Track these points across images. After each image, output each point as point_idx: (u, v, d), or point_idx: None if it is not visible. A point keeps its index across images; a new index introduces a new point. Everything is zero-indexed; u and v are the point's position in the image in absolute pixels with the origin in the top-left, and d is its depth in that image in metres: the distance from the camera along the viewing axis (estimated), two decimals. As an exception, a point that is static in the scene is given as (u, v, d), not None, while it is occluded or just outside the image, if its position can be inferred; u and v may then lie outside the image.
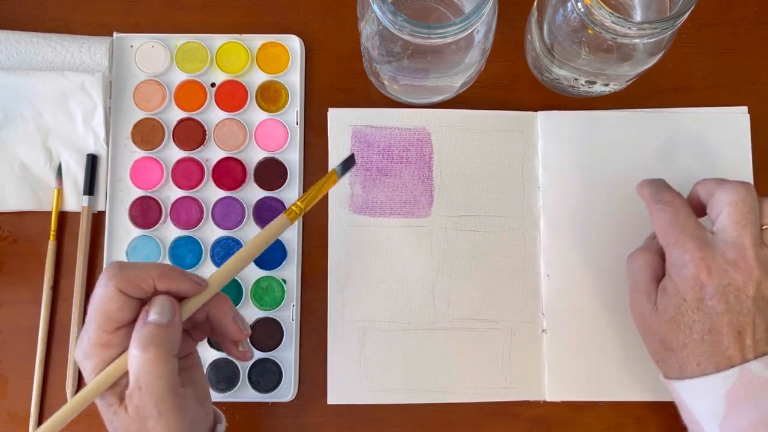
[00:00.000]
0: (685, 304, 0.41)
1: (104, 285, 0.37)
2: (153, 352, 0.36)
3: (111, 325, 0.37)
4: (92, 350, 0.37)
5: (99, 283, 0.37)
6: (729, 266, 0.40)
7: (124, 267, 0.38)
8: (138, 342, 0.36)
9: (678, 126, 0.52)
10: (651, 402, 0.50)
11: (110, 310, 0.37)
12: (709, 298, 0.40)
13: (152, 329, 0.37)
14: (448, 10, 0.49)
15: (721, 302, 0.40)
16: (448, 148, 0.53)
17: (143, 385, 0.36)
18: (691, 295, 0.41)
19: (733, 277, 0.40)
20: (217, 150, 0.53)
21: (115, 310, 0.37)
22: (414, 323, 0.51)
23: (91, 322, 0.37)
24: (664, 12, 0.47)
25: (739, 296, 0.40)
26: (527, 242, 0.52)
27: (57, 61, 0.53)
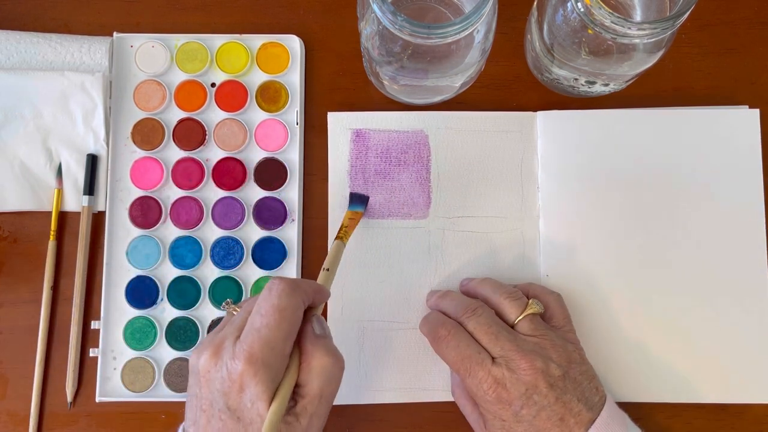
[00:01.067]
0: (507, 423, 0.43)
1: (292, 297, 0.38)
2: (340, 359, 0.39)
3: (293, 337, 0.38)
4: (275, 361, 0.37)
5: (281, 295, 0.38)
6: (516, 374, 0.43)
7: (300, 283, 0.39)
8: (326, 351, 0.38)
9: (680, 125, 0.52)
10: (651, 402, 0.50)
11: (295, 321, 0.38)
12: (520, 408, 0.42)
13: (327, 341, 0.39)
14: (448, 10, 0.49)
15: (531, 407, 0.42)
16: (446, 149, 0.53)
17: (327, 393, 0.38)
18: (506, 414, 0.43)
19: (524, 380, 0.42)
20: (217, 150, 0.53)
21: (297, 320, 0.38)
22: (413, 323, 0.51)
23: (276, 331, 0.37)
24: (664, 12, 0.47)
25: (540, 392, 0.42)
26: (526, 243, 0.52)
27: (57, 61, 0.53)
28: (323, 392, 0.38)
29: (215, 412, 0.37)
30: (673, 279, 0.51)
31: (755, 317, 0.51)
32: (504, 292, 0.47)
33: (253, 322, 0.37)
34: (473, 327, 0.45)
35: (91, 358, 0.51)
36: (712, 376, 0.50)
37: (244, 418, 0.36)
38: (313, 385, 0.38)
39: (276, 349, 0.37)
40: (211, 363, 0.38)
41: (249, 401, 0.36)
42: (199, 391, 0.38)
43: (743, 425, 0.51)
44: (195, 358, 0.39)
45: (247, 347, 0.36)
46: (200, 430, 0.38)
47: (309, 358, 0.38)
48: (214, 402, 0.37)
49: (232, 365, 0.36)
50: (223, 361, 0.37)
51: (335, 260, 0.45)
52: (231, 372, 0.36)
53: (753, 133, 0.52)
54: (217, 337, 0.39)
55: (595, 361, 0.49)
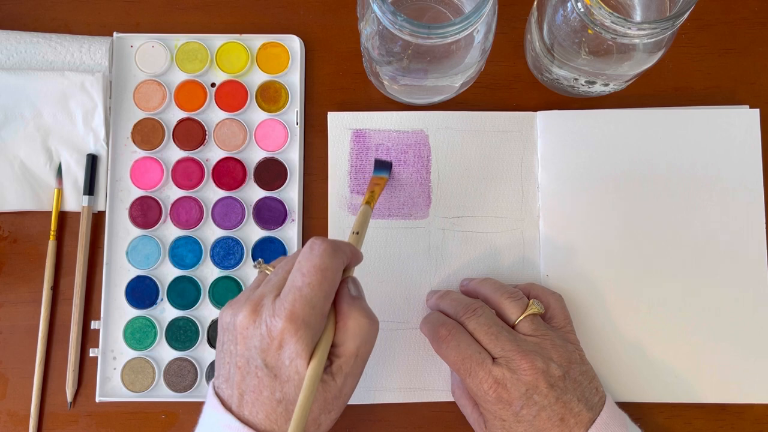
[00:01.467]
0: (507, 423, 0.43)
1: (334, 257, 0.37)
2: (376, 320, 0.39)
3: (332, 297, 0.38)
4: (316, 320, 0.36)
5: (323, 255, 0.37)
6: (516, 374, 0.43)
7: (340, 244, 0.39)
8: (362, 311, 0.38)
9: (680, 125, 0.52)
10: (651, 402, 0.51)
11: (336, 282, 0.38)
12: (521, 408, 0.43)
13: (362, 302, 0.39)
14: (448, 10, 0.49)
15: (531, 407, 0.42)
16: (446, 149, 0.53)
17: (363, 352, 0.38)
18: (506, 414, 0.43)
19: (525, 380, 0.43)
20: (217, 150, 0.53)
21: (337, 281, 0.38)
22: (413, 323, 0.51)
23: (317, 290, 0.36)
24: (664, 12, 0.47)
25: (541, 392, 0.42)
26: (526, 243, 0.52)
27: (57, 61, 0.53)
28: (359, 352, 0.38)
29: (251, 368, 0.37)
30: (673, 278, 0.51)
31: (755, 317, 0.51)
32: (505, 292, 0.47)
33: (294, 281, 0.37)
34: (473, 327, 0.45)
35: (91, 358, 0.51)
36: (712, 376, 0.50)
37: (281, 375, 0.36)
38: (349, 345, 0.37)
39: (316, 308, 0.36)
40: (249, 320, 0.37)
41: (288, 359, 0.36)
42: (234, 347, 0.38)
43: (743, 425, 0.51)
44: (230, 314, 0.38)
45: (289, 305, 0.36)
46: (234, 386, 0.38)
47: (345, 318, 0.38)
48: (250, 359, 0.37)
49: (272, 322, 0.36)
50: (263, 318, 0.37)
51: (364, 224, 0.45)
52: (271, 329, 0.36)
53: (753, 133, 0.52)
54: (254, 295, 0.38)
55: (595, 361, 0.49)
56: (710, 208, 0.51)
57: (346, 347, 0.38)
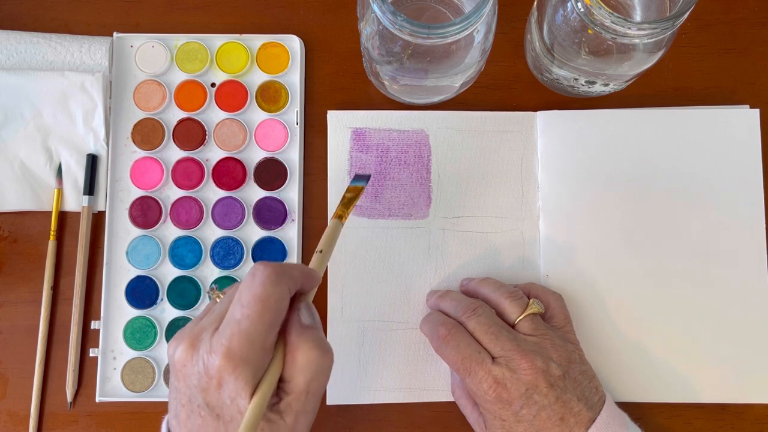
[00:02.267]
0: (507, 423, 0.43)
1: (276, 284, 0.34)
2: (329, 351, 0.36)
3: (277, 329, 0.35)
4: (256, 356, 0.34)
5: (266, 283, 0.34)
6: (516, 374, 0.43)
7: (287, 268, 0.36)
8: (313, 343, 0.35)
9: (680, 125, 0.52)
10: (651, 402, 0.50)
11: (281, 312, 0.35)
12: (520, 408, 0.42)
13: (315, 332, 0.36)
14: (448, 9, 0.49)
15: (531, 406, 0.42)
16: (446, 149, 0.53)
17: (314, 388, 0.35)
18: (506, 414, 0.43)
19: (525, 380, 0.42)
20: (217, 150, 0.53)
21: (282, 310, 0.35)
22: (413, 323, 0.51)
23: (258, 324, 0.34)
24: (664, 12, 0.47)
25: (541, 391, 0.42)
26: (526, 243, 0.52)
27: (57, 61, 0.53)
28: (310, 388, 0.35)
29: (194, 407, 0.35)
30: (673, 279, 0.51)
31: (755, 317, 0.51)
32: (504, 291, 0.47)
33: (233, 313, 0.34)
34: (473, 327, 0.45)
35: (91, 358, 0.51)
36: (712, 376, 0.50)
37: (224, 415, 0.34)
38: (299, 380, 0.35)
39: (257, 343, 0.34)
40: (187, 356, 0.35)
41: (228, 398, 0.34)
42: (177, 384, 0.36)
43: (743, 425, 0.51)
44: (172, 349, 0.36)
45: (226, 341, 0.33)
46: (181, 425, 0.36)
47: (294, 350, 0.35)
48: (192, 397, 0.35)
49: (209, 360, 0.34)
50: (200, 354, 0.34)
51: (330, 241, 0.41)
52: (208, 367, 0.34)
53: (753, 133, 0.52)
54: (195, 328, 0.36)
55: (595, 361, 0.49)
56: (710, 208, 0.51)
57: (295, 383, 0.35)
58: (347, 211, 0.44)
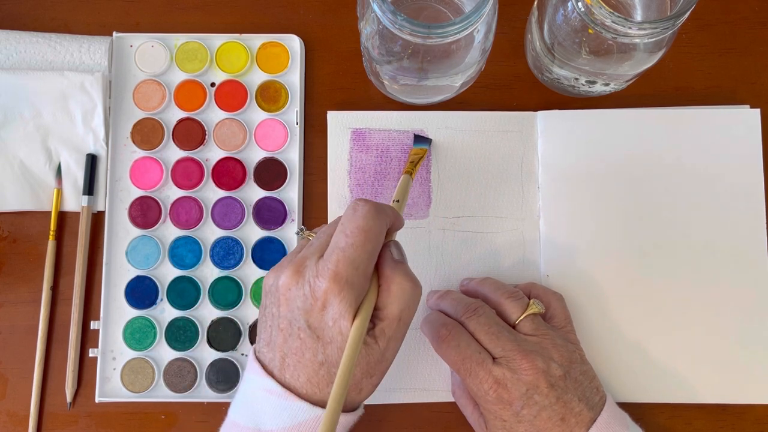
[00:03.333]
0: (508, 423, 0.43)
1: (377, 218, 0.37)
2: (419, 284, 0.38)
3: (376, 258, 0.37)
4: (359, 280, 0.36)
5: (367, 216, 0.37)
6: (517, 374, 0.42)
7: (383, 206, 0.38)
8: (405, 275, 0.38)
9: (681, 125, 0.52)
10: (651, 403, 0.50)
11: (379, 243, 0.37)
12: (521, 408, 0.42)
13: (405, 266, 0.39)
14: (448, 9, 0.49)
15: (532, 407, 0.42)
16: (446, 149, 0.53)
17: (406, 316, 0.38)
18: (506, 414, 0.43)
19: (525, 380, 0.42)
20: (217, 150, 0.53)
21: (380, 242, 0.37)
22: (413, 323, 0.51)
23: (361, 251, 0.36)
24: (665, 12, 0.47)
25: (541, 392, 0.42)
26: (527, 243, 0.52)
27: (57, 61, 0.53)
28: (402, 315, 0.37)
29: (294, 330, 0.37)
30: (674, 279, 0.51)
31: (756, 317, 0.50)
32: (505, 291, 0.47)
33: (338, 242, 0.36)
34: (474, 327, 0.45)
35: (90, 359, 0.51)
36: (712, 377, 0.50)
37: (324, 336, 0.36)
38: (393, 308, 0.37)
39: (360, 269, 0.36)
40: (292, 281, 0.37)
41: (331, 319, 0.36)
42: (277, 310, 0.37)
43: (744, 426, 0.51)
44: (273, 277, 0.38)
45: (332, 265, 0.36)
46: (276, 349, 0.37)
47: (388, 281, 0.37)
48: (293, 320, 0.37)
49: (315, 283, 0.36)
50: (306, 279, 0.36)
51: (405, 192, 0.45)
52: (314, 289, 0.36)
53: (754, 133, 0.52)
54: (297, 258, 0.38)
55: (596, 361, 0.49)
56: (710, 208, 0.51)
57: (390, 310, 0.37)
58: (415, 169, 0.49)
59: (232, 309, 0.51)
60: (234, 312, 0.51)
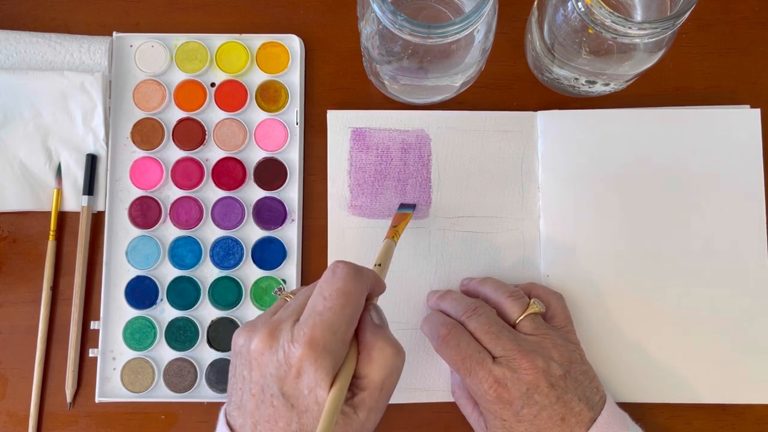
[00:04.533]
0: (508, 423, 0.43)
1: (357, 281, 0.36)
2: (402, 350, 0.37)
3: (355, 323, 0.36)
4: (337, 347, 0.34)
5: (347, 279, 0.35)
6: (517, 374, 0.42)
7: (363, 268, 0.37)
8: (388, 341, 0.36)
9: (681, 125, 0.52)
10: (651, 403, 0.50)
11: (359, 307, 0.36)
12: (521, 408, 0.42)
13: (387, 331, 0.37)
14: (448, 9, 0.49)
15: (532, 406, 0.42)
16: (446, 149, 0.53)
17: (388, 386, 0.36)
18: (506, 414, 0.43)
19: (525, 380, 0.42)
20: (217, 150, 0.53)
21: (360, 306, 0.36)
22: (413, 323, 0.51)
23: (340, 316, 0.35)
24: (665, 12, 0.47)
25: (541, 391, 0.42)
26: (526, 243, 0.52)
27: (57, 61, 0.53)
28: (384, 384, 0.36)
29: (266, 397, 0.35)
30: (674, 279, 0.51)
31: (756, 317, 0.50)
32: (505, 291, 0.47)
33: (315, 305, 0.35)
34: (474, 327, 0.44)
35: (90, 359, 0.51)
36: (712, 377, 0.50)
37: (299, 405, 0.34)
38: (374, 376, 0.35)
39: (338, 334, 0.34)
40: (265, 345, 0.35)
41: (306, 387, 0.34)
42: (249, 374, 0.36)
43: (744, 426, 0.51)
44: (245, 339, 0.37)
45: (309, 330, 0.34)
46: (247, 414, 0.36)
47: (369, 347, 0.36)
48: (266, 387, 0.35)
49: (290, 349, 0.34)
50: (280, 344, 0.35)
51: (387, 257, 0.44)
52: (289, 356, 0.34)
53: (754, 133, 0.52)
54: (272, 320, 0.36)
55: (596, 361, 0.49)
56: (710, 208, 0.51)
57: (371, 378, 0.36)
58: (398, 233, 0.47)
59: (232, 309, 0.51)
60: (234, 312, 0.51)
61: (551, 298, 0.48)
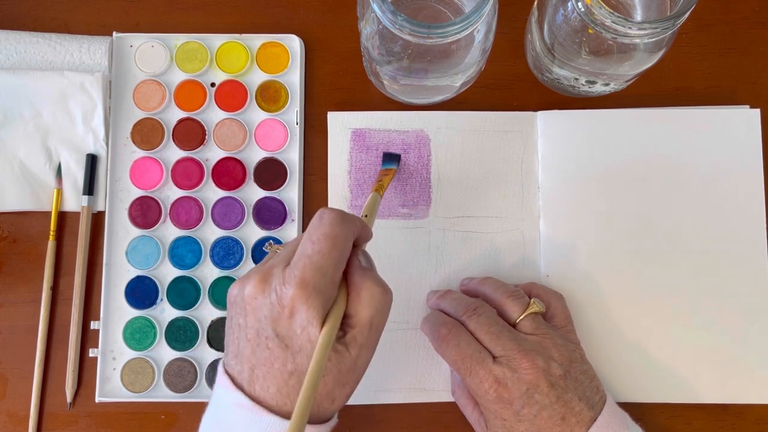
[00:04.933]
0: (508, 422, 0.43)
1: (343, 225, 0.37)
2: (389, 289, 0.38)
3: (343, 266, 0.37)
4: (326, 287, 0.35)
5: (332, 224, 0.36)
6: (517, 373, 0.43)
7: (350, 215, 0.38)
8: (376, 281, 0.37)
9: (681, 125, 0.52)
10: (651, 403, 0.50)
11: (347, 251, 0.37)
12: (521, 408, 0.42)
13: (375, 273, 0.38)
14: (448, 9, 0.49)
15: (532, 406, 0.42)
16: (446, 149, 0.53)
17: (377, 323, 0.37)
18: (507, 413, 0.43)
19: (525, 379, 0.42)
20: (217, 150, 0.53)
21: (347, 249, 0.37)
22: (413, 323, 0.51)
23: (327, 258, 0.36)
24: (665, 12, 0.47)
25: (542, 391, 0.42)
26: (526, 243, 0.52)
27: (57, 61, 0.53)
28: (373, 321, 0.37)
29: (261, 340, 0.36)
30: (674, 279, 0.51)
31: (756, 317, 0.50)
32: (505, 291, 0.47)
33: (305, 249, 0.36)
34: (474, 326, 0.45)
35: (90, 359, 0.51)
36: (712, 376, 0.50)
37: (293, 345, 0.35)
38: (363, 314, 0.36)
39: (327, 275, 0.35)
40: (258, 290, 0.36)
41: (299, 327, 0.35)
42: (244, 320, 0.37)
43: (744, 426, 0.51)
44: (238, 287, 0.38)
45: (299, 272, 0.35)
46: (244, 360, 0.37)
47: (358, 288, 0.37)
48: (260, 330, 0.36)
49: (282, 290, 0.35)
50: (272, 287, 0.36)
51: (373, 209, 0.44)
52: (281, 297, 0.35)
53: (754, 133, 0.52)
54: (263, 267, 0.37)
55: (596, 361, 0.49)
56: (710, 208, 0.51)
57: (360, 317, 0.37)
58: (383, 187, 0.47)
59: (232, 309, 0.51)
60: (234, 312, 0.51)
61: (551, 297, 0.48)
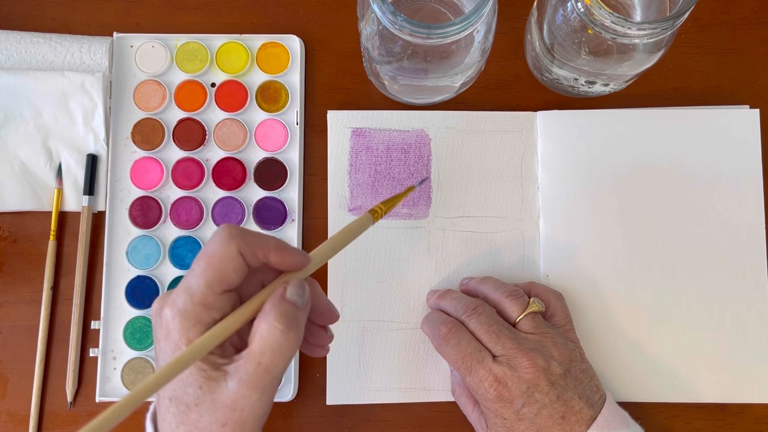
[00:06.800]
0: (508, 421, 0.43)
1: (225, 244, 0.34)
2: (294, 332, 0.34)
3: (221, 287, 0.34)
4: (193, 309, 0.34)
5: (215, 242, 0.35)
6: (517, 373, 0.43)
7: (244, 231, 0.35)
8: (281, 317, 0.34)
9: (680, 125, 0.52)
10: (651, 402, 0.50)
11: (226, 271, 0.34)
12: (521, 407, 0.43)
13: (293, 309, 0.35)
14: (448, 9, 0.49)
15: (532, 405, 0.43)
16: (446, 149, 0.53)
17: (267, 362, 0.34)
18: (507, 412, 0.43)
19: (525, 378, 0.43)
20: (217, 150, 0.53)
21: (230, 271, 0.34)
22: (413, 323, 0.51)
23: (199, 279, 0.34)
24: (664, 12, 0.47)
25: (542, 390, 0.43)
26: (526, 243, 0.52)
27: (57, 61, 0.53)
28: (262, 359, 0.34)
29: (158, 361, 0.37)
30: (673, 279, 0.51)
31: (755, 317, 0.51)
32: (505, 290, 0.47)
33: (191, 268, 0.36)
34: (474, 326, 0.45)
35: (91, 358, 0.51)
36: (712, 376, 0.50)
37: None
38: (254, 346, 0.34)
39: (195, 297, 0.34)
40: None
41: (170, 349, 0.35)
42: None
43: (743, 425, 0.51)
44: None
45: (174, 293, 0.35)
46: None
47: (260, 319, 0.34)
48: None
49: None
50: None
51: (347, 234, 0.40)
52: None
53: (753, 133, 0.52)
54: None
55: (595, 360, 0.49)
56: (710, 208, 0.51)
57: (251, 350, 0.34)
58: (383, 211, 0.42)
59: (233, 309, 0.51)
60: (234, 312, 0.51)
61: (551, 296, 0.48)
